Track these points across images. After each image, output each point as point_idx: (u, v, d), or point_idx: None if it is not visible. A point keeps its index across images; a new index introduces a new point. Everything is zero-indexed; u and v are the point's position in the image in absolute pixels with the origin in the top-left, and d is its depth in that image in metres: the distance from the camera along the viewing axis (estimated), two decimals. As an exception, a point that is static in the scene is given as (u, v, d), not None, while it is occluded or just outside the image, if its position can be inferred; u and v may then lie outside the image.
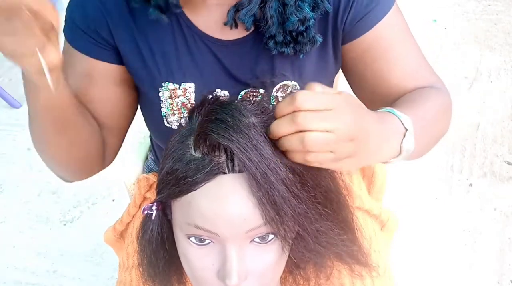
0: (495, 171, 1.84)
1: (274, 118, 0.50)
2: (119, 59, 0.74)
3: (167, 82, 0.74)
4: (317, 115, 0.45)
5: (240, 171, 0.50)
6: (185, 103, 0.75)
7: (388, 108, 0.59)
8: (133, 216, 0.89)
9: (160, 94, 0.75)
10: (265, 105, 0.56)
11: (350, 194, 0.62)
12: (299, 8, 0.65)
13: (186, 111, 0.75)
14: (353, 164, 0.51)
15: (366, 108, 0.53)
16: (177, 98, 0.74)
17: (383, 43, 0.73)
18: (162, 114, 0.76)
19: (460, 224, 1.69)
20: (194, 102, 0.74)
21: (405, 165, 1.75)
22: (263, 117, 0.53)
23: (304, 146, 0.46)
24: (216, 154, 0.50)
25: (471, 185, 1.80)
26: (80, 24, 0.71)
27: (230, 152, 0.50)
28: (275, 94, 0.75)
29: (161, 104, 0.76)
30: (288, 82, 0.74)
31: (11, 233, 1.75)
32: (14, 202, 1.84)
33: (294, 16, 0.65)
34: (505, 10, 2.56)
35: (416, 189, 1.79)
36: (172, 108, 0.75)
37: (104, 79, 0.74)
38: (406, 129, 0.57)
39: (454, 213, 1.73)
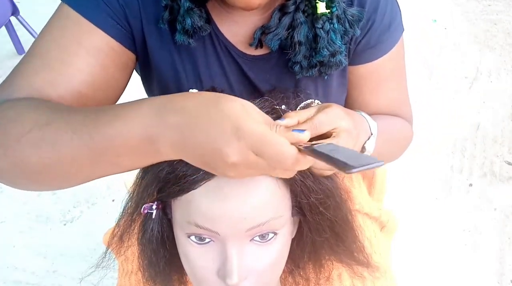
0: (495, 171, 1.84)
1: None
2: (132, 45, 0.68)
3: (194, 89, 0.72)
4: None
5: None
6: None
7: (362, 112, 0.66)
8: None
9: None
10: (273, 104, 0.57)
11: (350, 197, 0.63)
12: (331, 42, 0.64)
13: None
14: None
15: (346, 109, 0.59)
16: None
17: (381, 74, 0.75)
18: None
19: (460, 224, 1.69)
20: None
21: (405, 165, 1.75)
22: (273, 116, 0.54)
23: None
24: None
25: (471, 185, 1.80)
26: None
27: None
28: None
29: None
30: (311, 101, 0.74)
31: (11, 233, 1.75)
32: (14, 202, 1.84)
33: (326, 50, 0.64)
34: (505, 10, 2.56)
35: (416, 189, 1.79)
36: None
37: (114, 61, 0.65)
38: (372, 134, 0.63)
39: (454, 213, 1.73)
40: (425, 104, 2.10)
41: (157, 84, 0.76)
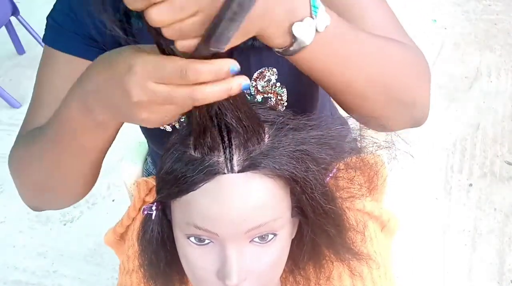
0: (495, 171, 1.84)
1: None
2: None
3: None
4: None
5: (239, 171, 0.50)
6: None
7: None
8: (133, 219, 0.89)
9: None
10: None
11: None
12: None
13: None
14: None
15: None
16: None
17: (359, 3, 0.65)
18: None
19: (460, 224, 1.69)
20: None
21: (405, 165, 1.74)
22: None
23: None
24: (215, 153, 0.50)
25: (471, 185, 1.81)
26: (66, 26, 0.69)
27: (229, 152, 0.50)
28: (253, 83, 0.73)
29: None
30: (264, 69, 0.72)
31: (11, 233, 1.76)
32: (14, 202, 1.83)
33: None
34: (505, 10, 2.56)
35: (416, 189, 1.79)
36: None
37: None
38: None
39: (454, 213, 1.73)
40: (425, 104, 2.09)
41: None
